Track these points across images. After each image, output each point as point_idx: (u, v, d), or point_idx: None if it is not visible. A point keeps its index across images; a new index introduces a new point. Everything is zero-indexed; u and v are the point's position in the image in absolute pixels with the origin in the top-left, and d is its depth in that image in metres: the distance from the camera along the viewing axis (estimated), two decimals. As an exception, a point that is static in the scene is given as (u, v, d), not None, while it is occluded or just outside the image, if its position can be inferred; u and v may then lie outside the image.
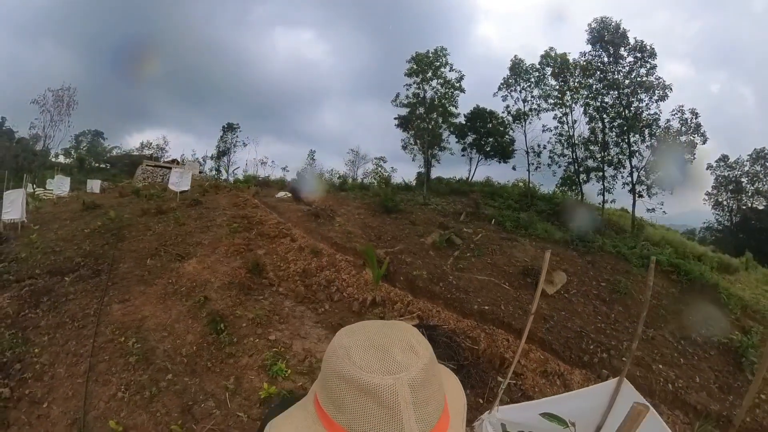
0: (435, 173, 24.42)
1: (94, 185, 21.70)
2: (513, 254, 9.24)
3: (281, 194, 15.92)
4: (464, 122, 23.39)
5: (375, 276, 5.87)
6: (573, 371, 5.94)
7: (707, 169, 35.23)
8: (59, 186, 19.79)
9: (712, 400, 6.43)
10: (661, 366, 7.18)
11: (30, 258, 8.37)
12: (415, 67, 18.26)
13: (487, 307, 6.66)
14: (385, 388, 0.47)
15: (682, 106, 17.39)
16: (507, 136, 22.29)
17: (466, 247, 9.08)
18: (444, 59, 18.33)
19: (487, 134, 23.21)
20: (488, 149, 23.53)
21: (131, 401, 3.79)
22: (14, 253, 8.92)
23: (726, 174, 33.47)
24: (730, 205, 33.21)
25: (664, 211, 17.36)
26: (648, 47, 17.21)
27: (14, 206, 12.35)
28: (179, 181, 16.22)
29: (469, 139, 24.00)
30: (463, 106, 22.49)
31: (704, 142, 17.62)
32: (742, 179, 32.86)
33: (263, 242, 8.84)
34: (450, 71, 18.66)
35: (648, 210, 17.46)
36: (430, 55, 18.27)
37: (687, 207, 36.72)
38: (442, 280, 7.10)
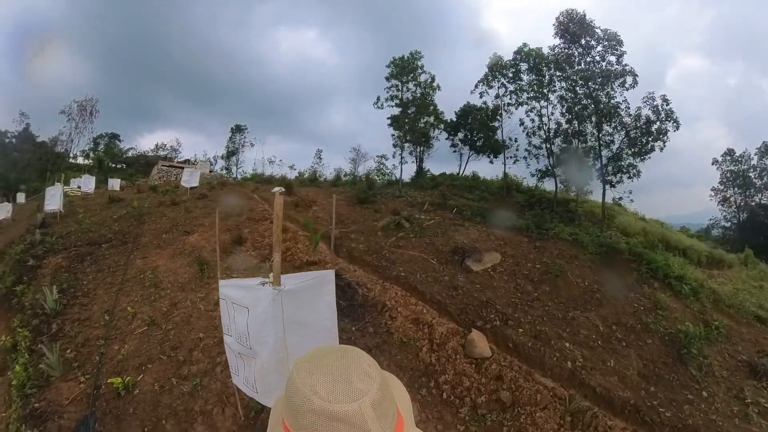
0: (436, 170, 26.88)
1: (114, 183, 25.30)
2: (453, 236, 11.57)
3: (276, 189, 18.82)
4: (455, 119, 25.68)
5: (313, 243, 8.57)
6: (442, 323, 7.12)
7: (713, 164, 35.84)
8: (86, 184, 23.44)
9: (625, 387, 6.41)
10: (567, 344, 7.24)
11: (72, 234, 11.49)
12: (394, 71, 20.74)
13: (403, 274, 8.47)
14: (353, 413, 0.60)
15: (653, 93, 18.13)
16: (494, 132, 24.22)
17: (412, 229, 11.57)
18: (418, 62, 20.67)
19: (477, 130, 25.20)
20: (479, 144, 25.56)
21: (143, 302, 6.70)
22: (58, 232, 12.10)
23: (732, 169, 33.75)
24: (737, 201, 33.57)
25: (631, 199, 18.76)
26: (615, 35, 18.27)
27: (54, 199, 15.80)
28: (190, 179, 19.66)
29: (460, 135, 26.31)
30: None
31: (677, 129, 18.13)
32: (750, 173, 33.04)
33: (249, 224, 11.69)
34: (422, 73, 20.94)
35: (615, 199, 18.93)
36: (407, 57, 20.65)
37: (701, 206, 36.64)
38: (376, 253, 9.49)
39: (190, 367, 5.00)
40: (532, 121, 20.62)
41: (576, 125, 19.18)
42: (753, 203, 33.16)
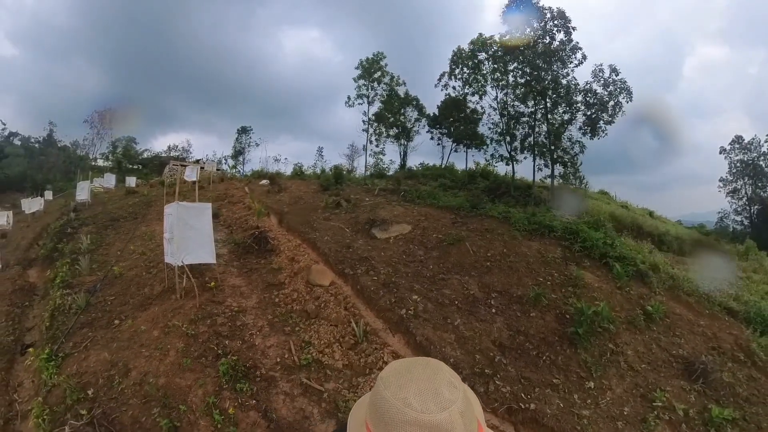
0: (432, 162, 31.31)
1: (131, 181, 31.73)
2: (377, 212, 15.73)
3: (263, 182, 24.24)
4: (437, 113, 29.91)
5: (258, 213, 13.58)
6: (308, 262, 9.98)
7: (720, 153, 37.24)
8: (108, 181, 30.03)
9: (458, 347, 6.71)
10: (415, 297, 8.09)
11: (98, 215, 17.20)
12: (362, 72, 25.44)
13: (317, 236, 11.64)
14: (445, 421, 0.73)
15: (601, 65, 20.65)
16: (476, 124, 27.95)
17: (346, 208, 16.23)
18: (381, 63, 25.20)
19: (459, 122, 29.18)
20: (461, 136, 29.54)
21: (142, 246, 11.95)
22: (88, 213, 17.90)
23: (742, 158, 34.14)
24: (748, 192, 34.00)
25: (578, 179, 22.13)
26: (563, 13, 21.12)
27: (83, 191, 21.84)
28: (191, 174, 25.42)
29: (443, 129, 30.52)
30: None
31: (630, 100, 20.85)
32: (760, 162, 33.35)
33: (228, 206, 16.94)
34: (385, 74, 25.44)
35: (551, 177, 21.82)
36: (371, 59, 25.25)
37: (721, 203, 36.27)
38: (307, 224, 13.75)
39: (156, 269, 10.03)
40: (494, 108, 24.46)
41: (517, 106, 22.43)
42: (765, 194, 33.65)
